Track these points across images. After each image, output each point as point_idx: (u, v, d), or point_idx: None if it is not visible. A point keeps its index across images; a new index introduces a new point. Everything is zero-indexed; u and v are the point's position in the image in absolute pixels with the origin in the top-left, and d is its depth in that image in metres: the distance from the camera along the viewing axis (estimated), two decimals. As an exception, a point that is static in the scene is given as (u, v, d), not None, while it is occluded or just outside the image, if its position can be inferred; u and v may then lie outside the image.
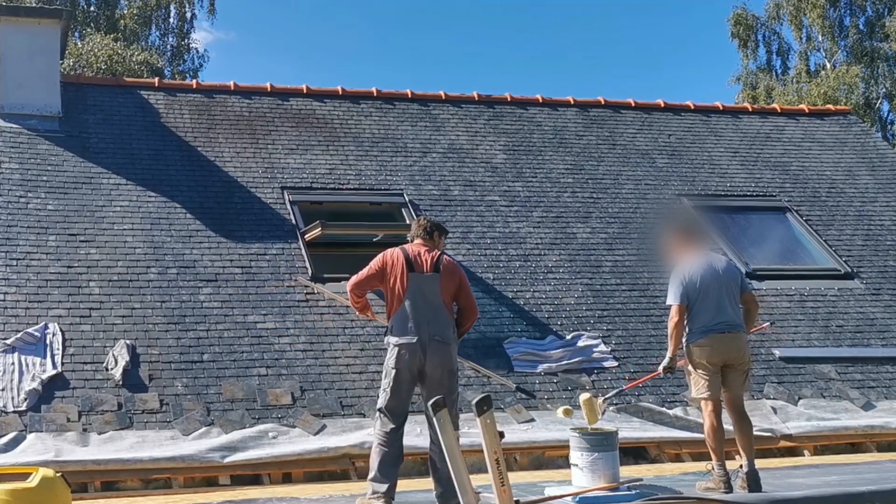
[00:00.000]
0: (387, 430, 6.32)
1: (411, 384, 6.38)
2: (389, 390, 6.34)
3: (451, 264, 6.61)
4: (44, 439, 7.82)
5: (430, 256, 6.51)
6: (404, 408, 6.42)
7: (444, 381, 6.32)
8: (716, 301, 6.83)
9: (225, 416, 8.42)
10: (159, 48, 29.03)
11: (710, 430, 6.79)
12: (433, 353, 6.28)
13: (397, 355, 6.31)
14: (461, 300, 6.57)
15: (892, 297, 11.52)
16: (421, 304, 6.35)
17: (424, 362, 6.28)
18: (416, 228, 6.76)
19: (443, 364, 6.32)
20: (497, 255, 10.98)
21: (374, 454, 6.33)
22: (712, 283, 6.86)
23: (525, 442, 8.56)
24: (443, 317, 6.39)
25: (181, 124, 12.11)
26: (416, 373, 6.32)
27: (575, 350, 9.84)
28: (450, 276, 6.50)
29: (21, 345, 8.66)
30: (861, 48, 30.61)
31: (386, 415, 6.34)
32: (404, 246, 6.68)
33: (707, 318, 6.80)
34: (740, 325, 6.92)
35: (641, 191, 12.59)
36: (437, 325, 6.33)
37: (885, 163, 14.27)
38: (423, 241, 6.65)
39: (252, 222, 10.73)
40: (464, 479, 5.56)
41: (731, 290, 6.94)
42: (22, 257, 9.62)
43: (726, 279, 6.94)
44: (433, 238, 6.69)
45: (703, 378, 6.80)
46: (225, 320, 9.43)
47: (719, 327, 6.79)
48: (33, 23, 11.91)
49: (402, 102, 13.40)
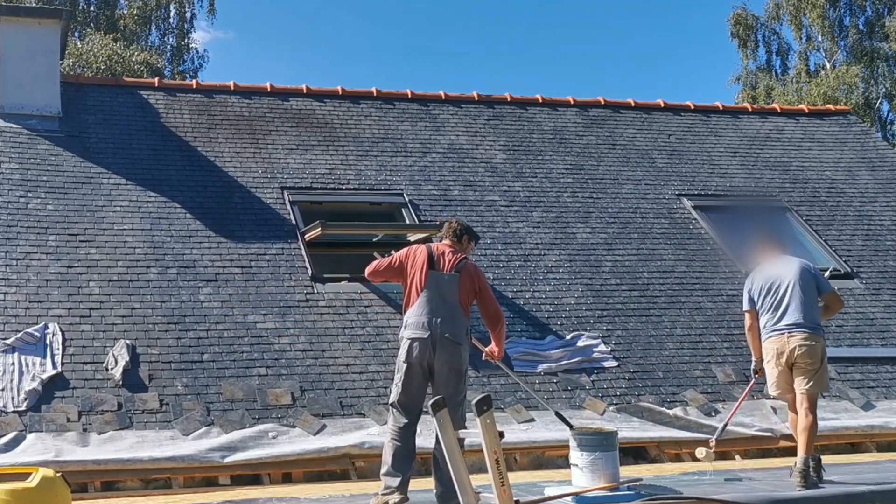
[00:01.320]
0: (399, 425, 6.33)
1: (423, 380, 6.37)
2: (401, 384, 6.36)
3: (472, 267, 6.64)
4: (44, 439, 7.81)
5: (454, 258, 6.56)
6: (417, 403, 6.41)
7: (450, 381, 6.32)
8: (786, 302, 7.11)
9: (225, 416, 8.42)
10: (159, 48, 29.04)
11: (791, 423, 7.16)
12: (442, 351, 6.29)
13: (408, 349, 6.34)
14: (483, 305, 6.63)
15: (891, 297, 11.52)
16: (437, 302, 6.38)
17: (434, 359, 6.29)
18: (447, 229, 6.84)
19: (451, 362, 6.32)
20: (497, 255, 10.98)
21: (387, 449, 6.34)
22: (783, 285, 7.14)
23: (525, 442, 8.56)
24: (458, 317, 6.41)
25: (181, 124, 12.11)
26: (426, 368, 6.32)
27: (575, 350, 9.84)
28: (469, 279, 6.53)
29: (21, 345, 8.66)
30: (861, 48, 30.63)
31: (398, 409, 6.36)
32: (430, 244, 6.78)
33: (776, 319, 7.09)
34: (807, 325, 7.09)
35: (641, 191, 12.59)
36: (450, 325, 6.34)
37: (885, 163, 14.27)
38: (450, 243, 6.72)
39: (252, 222, 10.74)
40: (463, 478, 5.56)
41: (806, 291, 7.16)
42: (22, 257, 9.63)
43: (801, 281, 7.17)
44: (461, 241, 6.76)
45: (773, 375, 7.14)
46: (225, 320, 9.43)
47: (785, 328, 7.06)
48: (33, 23, 11.91)
49: (401, 102, 13.41)
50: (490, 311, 6.67)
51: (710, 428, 9.03)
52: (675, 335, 10.36)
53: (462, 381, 6.45)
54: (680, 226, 12.07)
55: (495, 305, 6.70)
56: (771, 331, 7.14)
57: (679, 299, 10.89)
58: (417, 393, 6.40)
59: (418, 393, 6.41)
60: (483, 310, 6.67)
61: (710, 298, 10.98)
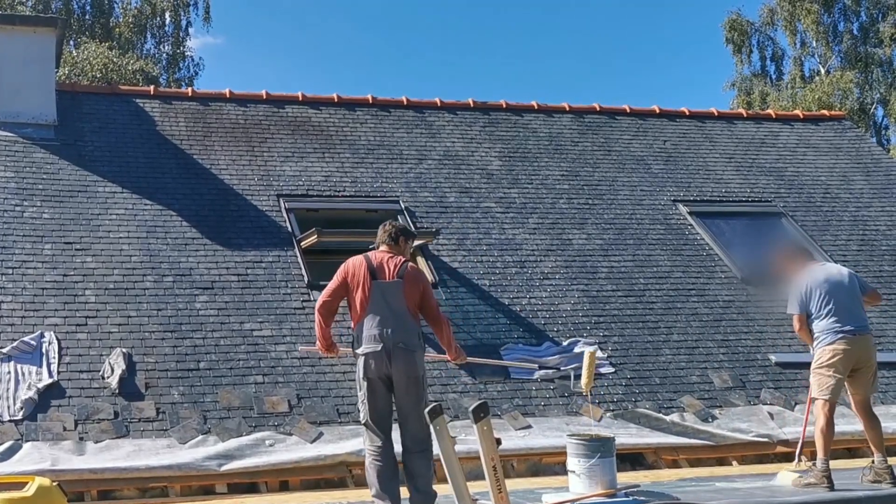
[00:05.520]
0: (377, 444, 6.25)
1: (386, 391, 6.28)
2: (367, 402, 6.28)
3: (414, 270, 6.51)
4: (40, 448, 7.79)
5: (394, 263, 6.41)
6: (386, 417, 6.34)
7: (410, 390, 6.24)
8: (845, 305, 7.21)
9: (221, 423, 8.40)
10: (154, 56, 29.04)
11: (824, 426, 7.08)
12: (398, 361, 6.20)
13: (364, 365, 6.25)
14: (426, 310, 6.47)
15: (887, 302, 11.53)
16: (385, 312, 6.26)
17: (391, 369, 6.20)
18: (381, 234, 6.65)
19: (407, 371, 6.22)
20: (493, 262, 10.98)
21: (370, 470, 6.27)
22: (839, 289, 7.26)
23: (522, 448, 8.55)
24: (407, 323, 6.30)
25: (177, 132, 12.11)
26: (386, 380, 6.23)
27: (571, 356, 9.83)
28: (413, 282, 6.39)
29: (17, 353, 8.64)
30: (855, 53, 30.72)
31: (371, 429, 6.29)
32: (367, 253, 6.57)
33: (840, 322, 7.15)
34: (869, 327, 7.35)
35: (637, 197, 12.61)
36: (401, 333, 6.23)
37: (880, 168, 14.31)
38: (388, 248, 6.56)
39: (248, 230, 10.73)
40: (460, 485, 5.56)
41: (857, 294, 7.36)
42: (18, 266, 9.61)
43: (850, 284, 7.36)
44: (398, 243, 6.59)
45: (831, 378, 7.11)
46: (221, 328, 9.42)
47: (852, 330, 7.14)
48: (28, 31, 11.90)
49: (397, 109, 13.41)
50: (431, 314, 6.50)
51: (706, 434, 9.04)
52: (672, 341, 10.37)
53: (422, 387, 6.33)
54: (676, 232, 12.08)
55: (435, 310, 6.53)
56: (837, 333, 7.12)
57: (675, 305, 10.89)
58: (384, 406, 6.31)
59: (385, 406, 6.32)
60: (424, 313, 6.49)
61: (707, 304, 10.99)
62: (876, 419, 7.32)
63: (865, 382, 7.25)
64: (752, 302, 11.04)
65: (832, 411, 7.13)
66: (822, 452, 6.98)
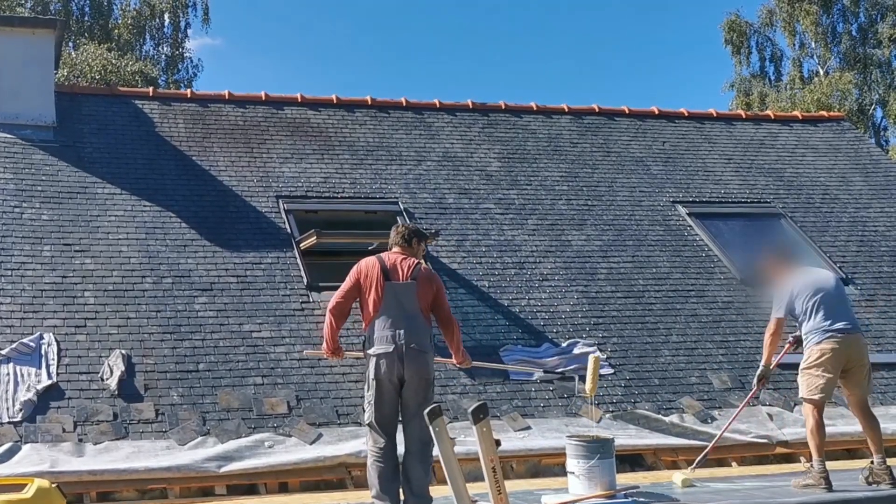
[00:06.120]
0: (380, 445, 6.27)
1: (394, 394, 6.30)
2: (374, 402, 6.30)
3: (427, 272, 6.57)
4: (39, 450, 7.79)
5: (408, 264, 6.46)
6: (392, 420, 6.36)
7: (419, 391, 6.27)
8: (832, 305, 7.16)
9: (221, 425, 8.40)
10: (153, 58, 29.04)
11: (814, 427, 7.05)
12: (410, 362, 6.23)
13: (376, 366, 6.26)
14: (438, 311, 6.51)
15: (886, 303, 11.54)
16: (397, 313, 6.29)
17: (403, 371, 6.23)
18: (395, 236, 6.70)
19: (419, 373, 6.26)
20: (492, 263, 10.98)
21: (371, 471, 6.29)
22: (826, 290, 7.22)
23: (521, 450, 8.55)
24: (420, 325, 6.34)
25: (176, 133, 12.11)
26: (396, 382, 6.26)
27: (571, 357, 9.83)
28: (427, 284, 6.44)
29: (16, 355, 8.63)
30: (854, 54, 30.74)
31: (376, 430, 6.30)
32: (381, 254, 6.63)
33: (827, 321, 7.10)
34: (859, 327, 7.35)
35: (636, 198, 12.61)
36: (413, 334, 6.27)
37: (879, 169, 14.31)
38: (401, 249, 6.60)
39: (247, 231, 10.73)
40: (460, 486, 5.56)
41: (844, 296, 7.40)
42: (17, 267, 9.61)
43: (837, 287, 7.35)
44: (411, 245, 6.64)
45: (821, 378, 7.07)
46: (220, 329, 9.42)
47: (840, 329, 7.09)
48: (27, 32, 11.89)
49: (396, 111, 13.41)
50: (443, 315, 6.54)
51: (706, 435, 9.03)
52: (671, 342, 10.36)
53: (430, 389, 6.38)
54: (675, 233, 12.08)
55: (448, 311, 6.59)
56: (825, 332, 7.07)
57: (674, 306, 10.89)
58: (391, 409, 6.34)
59: (391, 409, 6.34)
60: (436, 315, 6.53)
61: (706, 305, 10.99)
62: (874, 420, 7.30)
63: (859, 382, 7.21)
64: (752, 303, 11.03)
65: (821, 412, 7.09)
66: (816, 454, 6.96)
